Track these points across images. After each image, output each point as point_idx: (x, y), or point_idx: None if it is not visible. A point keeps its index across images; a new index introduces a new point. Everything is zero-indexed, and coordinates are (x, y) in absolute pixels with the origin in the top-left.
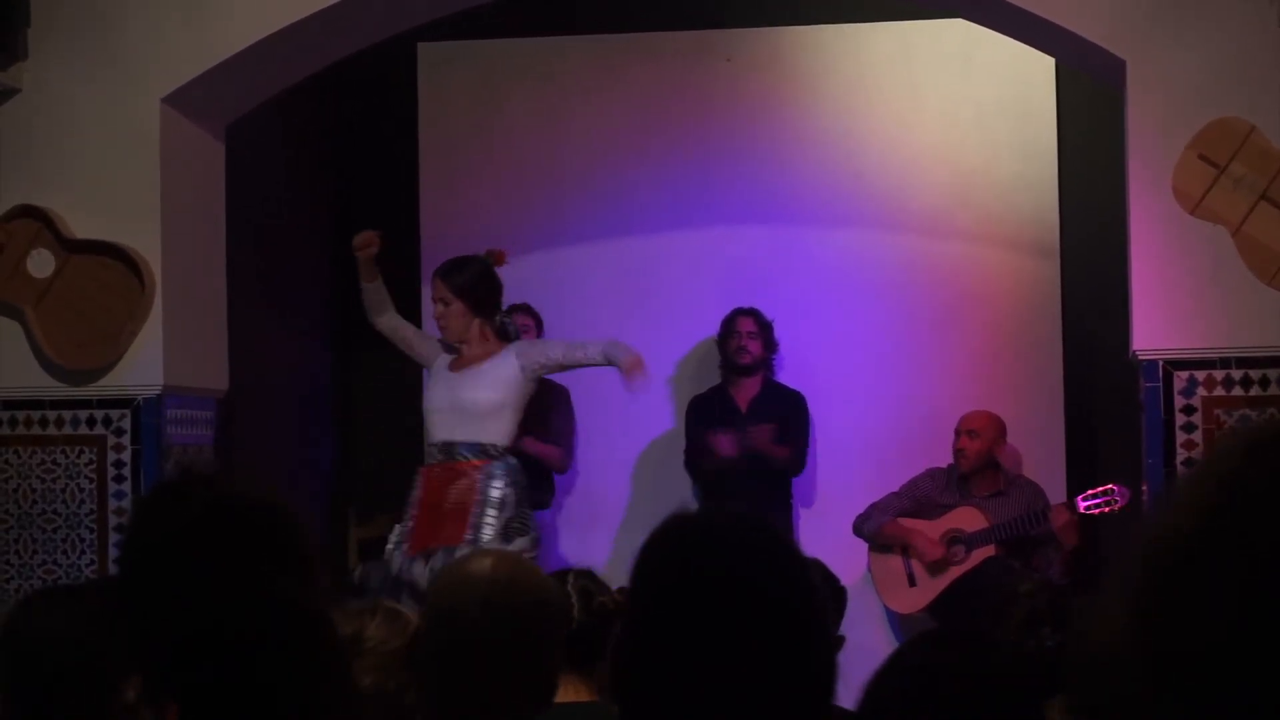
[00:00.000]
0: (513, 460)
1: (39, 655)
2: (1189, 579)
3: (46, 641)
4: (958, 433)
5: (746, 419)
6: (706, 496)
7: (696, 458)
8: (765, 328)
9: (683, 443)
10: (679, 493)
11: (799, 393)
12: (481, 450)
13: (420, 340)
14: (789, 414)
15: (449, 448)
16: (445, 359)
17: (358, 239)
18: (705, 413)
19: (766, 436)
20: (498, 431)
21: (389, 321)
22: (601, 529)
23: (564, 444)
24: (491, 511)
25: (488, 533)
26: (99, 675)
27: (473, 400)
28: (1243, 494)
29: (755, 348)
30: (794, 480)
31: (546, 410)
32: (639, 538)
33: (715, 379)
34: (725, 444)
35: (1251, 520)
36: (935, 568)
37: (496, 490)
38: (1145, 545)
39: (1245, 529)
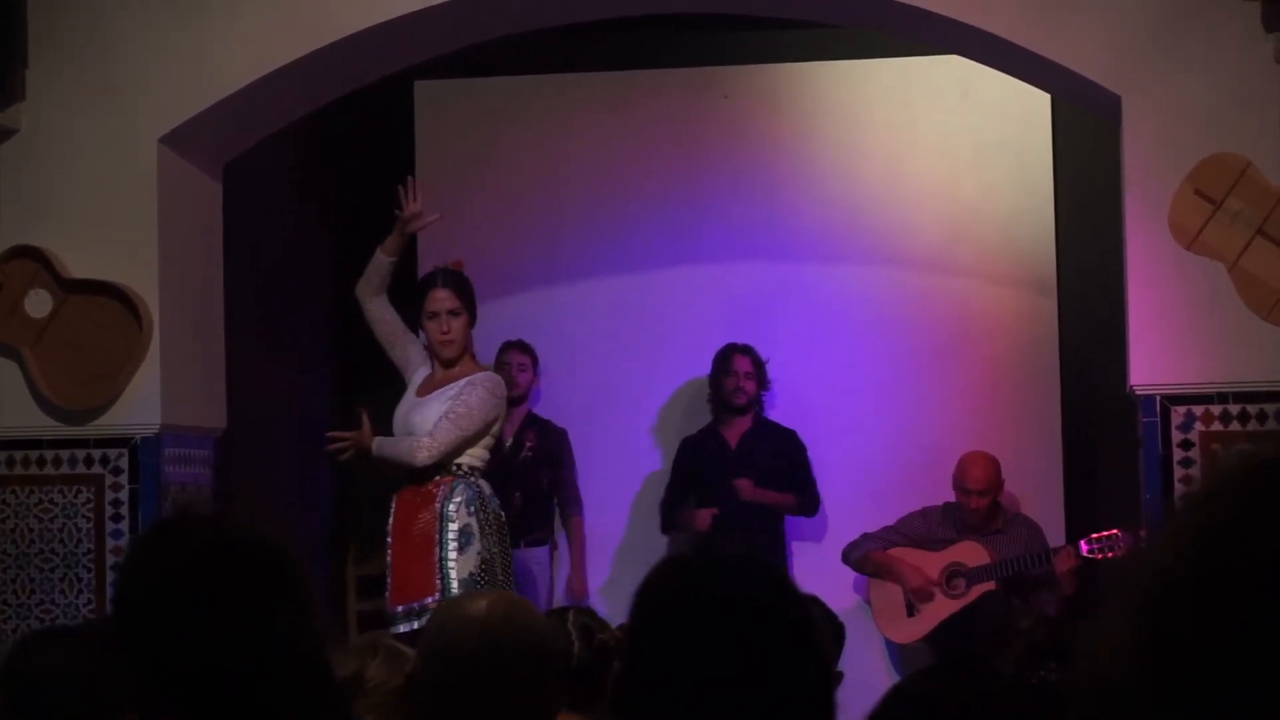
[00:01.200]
0: (480, 484)
1: (39, 695)
2: (1190, 595)
3: (46, 681)
4: (967, 492)
5: (737, 457)
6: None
7: (677, 508)
8: (760, 366)
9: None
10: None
11: (793, 431)
12: (442, 467)
13: (408, 340)
14: (791, 457)
15: (411, 470)
16: (420, 374)
17: (417, 208)
18: (695, 454)
19: (749, 492)
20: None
21: (380, 305)
22: (600, 566)
23: (570, 488)
24: (452, 545)
25: (453, 575)
26: (98, 715)
27: (422, 428)
28: (1243, 511)
29: (751, 387)
30: (793, 517)
31: (553, 456)
32: (637, 575)
33: (707, 417)
34: (746, 487)
35: (1252, 537)
36: (920, 597)
37: (454, 516)
38: (1146, 563)
39: (1246, 546)
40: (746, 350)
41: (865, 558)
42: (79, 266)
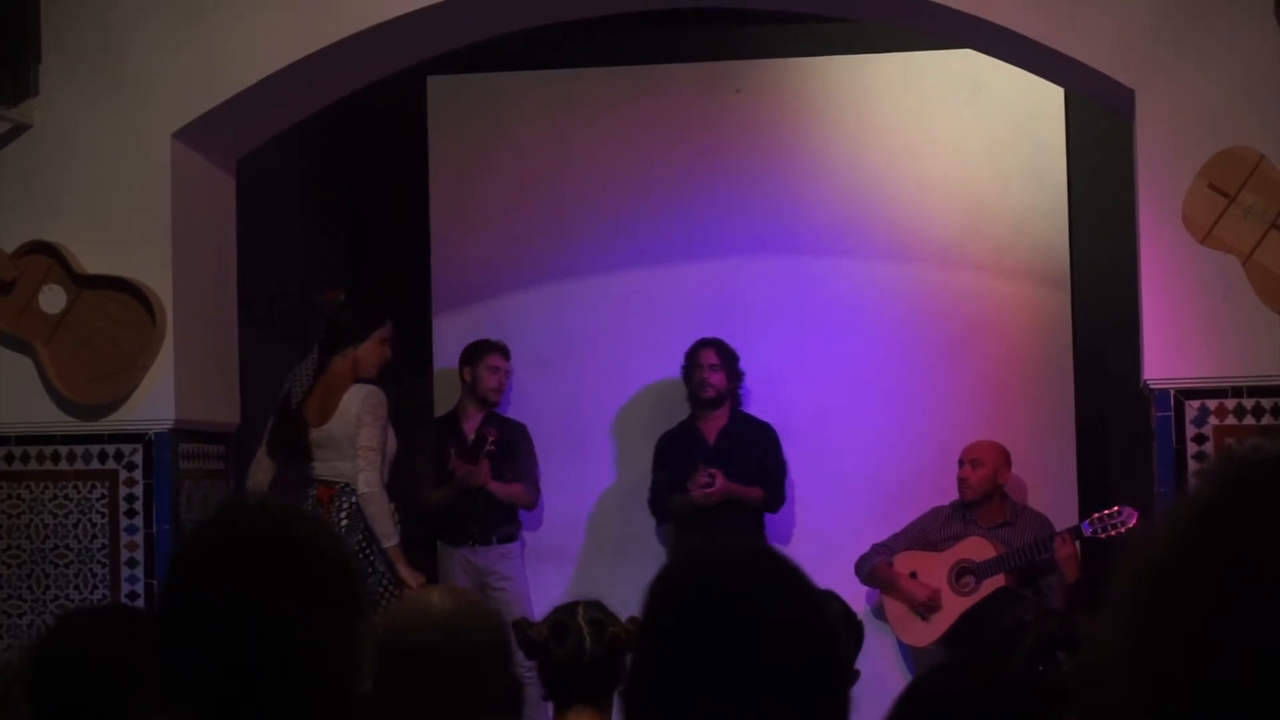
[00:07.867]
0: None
1: (71, 675)
2: (1171, 602)
3: (79, 661)
4: (960, 463)
5: (713, 452)
6: (678, 536)
7: (664, 499)
8: (729, 358)
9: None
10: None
11: (769, 424)
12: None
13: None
14: (763, 450)
15: None
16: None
17: None
18: (672, 450)
19: (720, 484)
20: None
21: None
22: (591, 563)
23: (529, 481)
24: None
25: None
26: (129, 695)
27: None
28: (1215, 521)
29: (718, 380)
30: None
31: (512, 448)
32: (625, 571)
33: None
34: (718, 480)
35: (1223, 545)
36: (929, 608)
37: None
38: (1133, 569)
39: (1218, 555)
40: (713, 343)
41: (873, 574)
42: (92, 262)
